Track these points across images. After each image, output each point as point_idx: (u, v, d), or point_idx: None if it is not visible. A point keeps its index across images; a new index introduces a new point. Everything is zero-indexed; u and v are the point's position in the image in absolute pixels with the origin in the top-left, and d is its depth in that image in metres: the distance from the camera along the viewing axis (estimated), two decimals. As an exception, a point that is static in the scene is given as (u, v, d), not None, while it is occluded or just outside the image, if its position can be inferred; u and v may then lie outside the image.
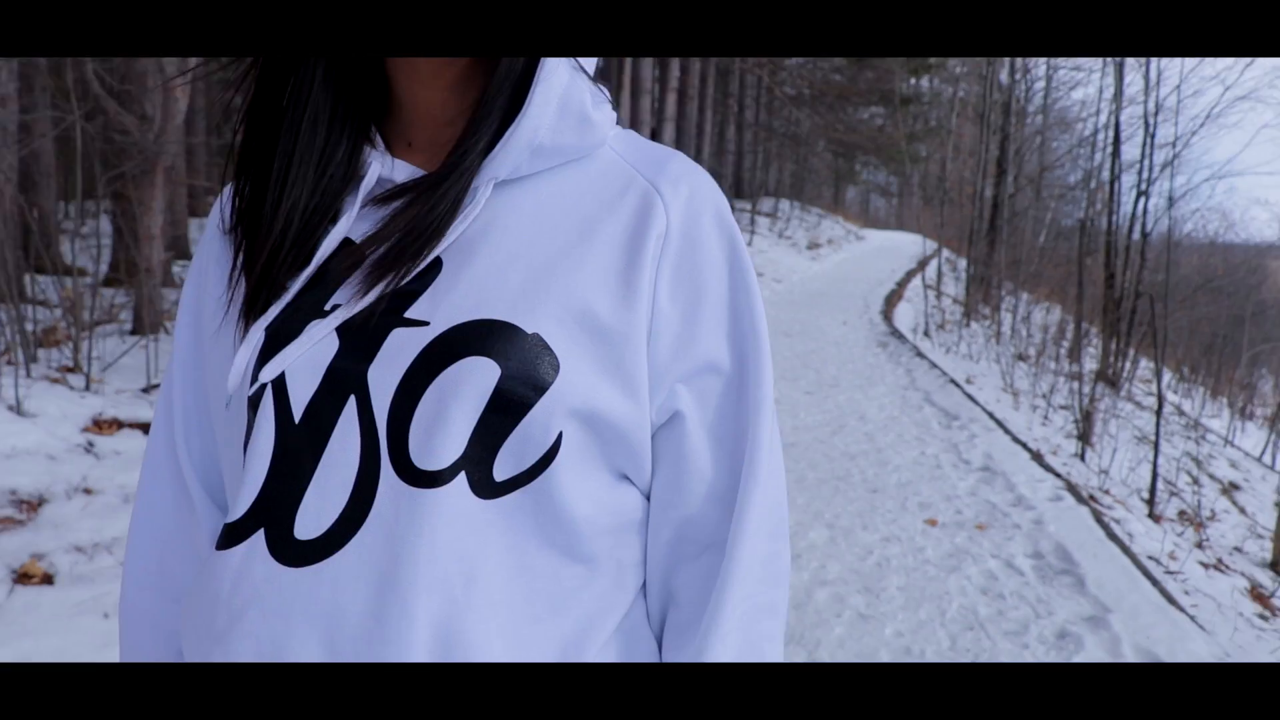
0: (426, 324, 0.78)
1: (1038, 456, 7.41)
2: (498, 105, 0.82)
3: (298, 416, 0.79)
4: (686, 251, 0.86)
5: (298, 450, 0.79)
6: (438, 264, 0.81)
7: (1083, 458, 8.86)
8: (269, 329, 0.82)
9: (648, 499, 0.92)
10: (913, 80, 28.71)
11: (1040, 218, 25.06)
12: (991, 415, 8.77)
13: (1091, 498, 6.67)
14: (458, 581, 0.77)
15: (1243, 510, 10.65)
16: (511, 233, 0.83)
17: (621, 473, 0.88)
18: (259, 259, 0.85)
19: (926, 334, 15.35)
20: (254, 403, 0.81)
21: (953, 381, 10.46)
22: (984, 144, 20.96)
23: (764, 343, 0.89)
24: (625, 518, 0.89)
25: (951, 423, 8.35)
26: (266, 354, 0.81)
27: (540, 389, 0.78)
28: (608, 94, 0.89)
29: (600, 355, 0.82)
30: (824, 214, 36.77)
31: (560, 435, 0.80)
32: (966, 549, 5.09)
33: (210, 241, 0.96)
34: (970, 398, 9.58)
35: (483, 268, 0.81)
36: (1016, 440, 7.87)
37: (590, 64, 0.88)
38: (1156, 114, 16.69)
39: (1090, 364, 15.78)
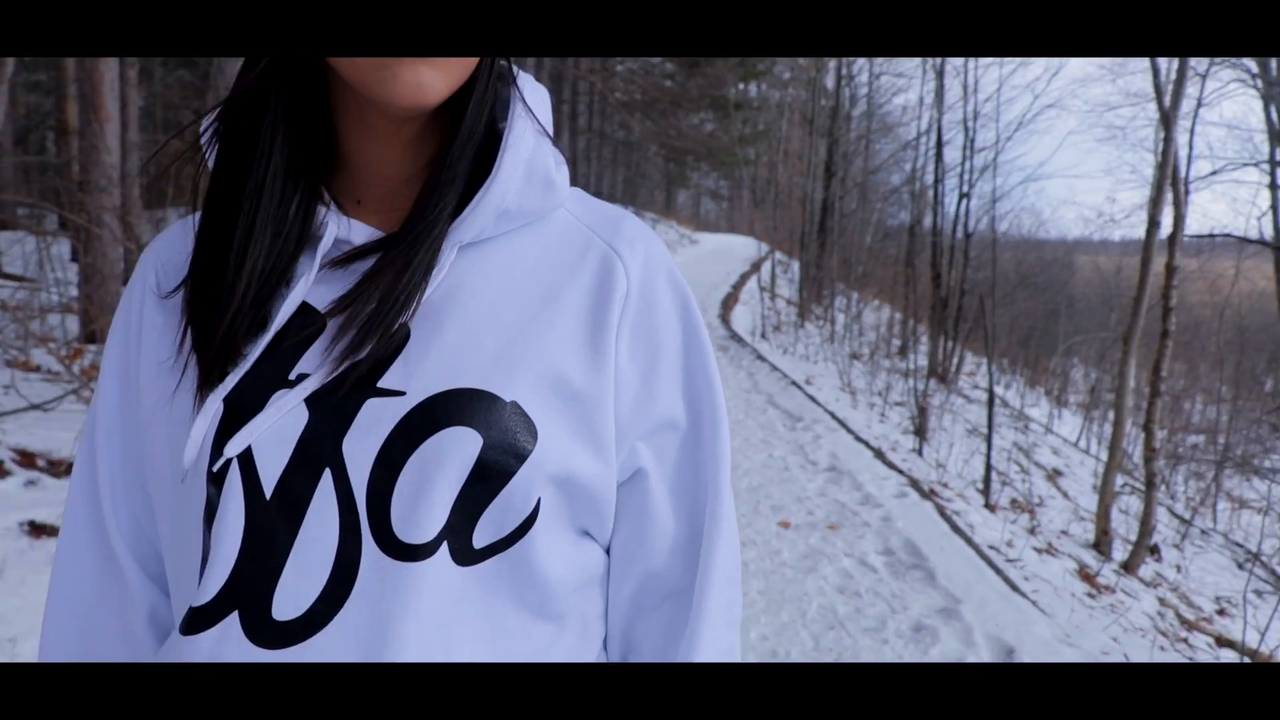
0: (402, 394, 0.77)
1: (880, 454, 7.67)
2: (461, 168, 0.81)
3: (269, 492, 0.76)
4: (644, 312, 0.87)
5: (271, 528, 0.76)
6: (405, 331, 0.79)
7: (920, 453, 9.22)
8: (228, 400, 0.78)
9: (607, 553, 0.92)
10: (742, 85, 29.36)
11: (867, 219, 25.98)
12: (833, 415, 9.03)
13: (933, 492, 6.93)
14: (438, 652, 0.75)
15: (1065, 494, 11.29)
16: (478, 297, 0.82)
17: (585, 530, 0.88)
18: (220, 326, 0.80)
19: (764, 336, 15.72)
20: (217, 478, 0.77)
21: (794, 383, 10.73)
22: (812, 148, 21.59)
23: (719, 397, 0.90)
24: (589, 573, 0.89)
25: (796, 424, 8.55)
26: (227, 426, 0.77)
27: (521, 457, 0.77)
28: (563, 155, 0.89)
29: (573, 419, 0.82)
30: (657, 218, 37.18)
31: (539, 501, 0.80)
32: (821, 549, 5.21)
33: (140, 304, 0.89)
34: (812, 399, 9.85)
35: (454, 335, 0.80)
36: (859, 439, 8.13)
37: (549, 124, 0.88)
38: (975, 119, 17.56)
39: (920, 360, 16.43)
